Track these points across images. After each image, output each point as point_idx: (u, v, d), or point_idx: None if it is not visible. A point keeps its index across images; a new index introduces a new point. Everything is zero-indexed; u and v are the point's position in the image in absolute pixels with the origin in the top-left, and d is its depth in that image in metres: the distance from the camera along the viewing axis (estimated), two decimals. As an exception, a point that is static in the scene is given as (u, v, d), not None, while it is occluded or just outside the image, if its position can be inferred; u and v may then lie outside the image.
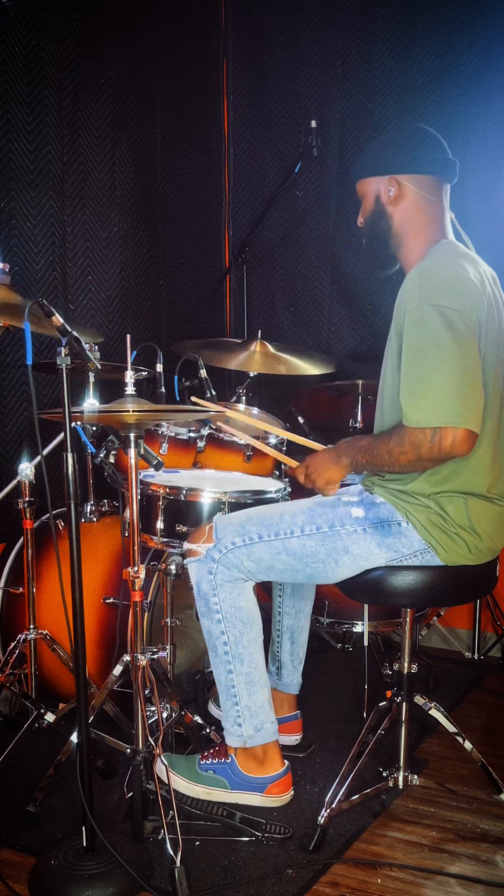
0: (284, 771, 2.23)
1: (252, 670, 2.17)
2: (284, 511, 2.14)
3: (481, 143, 3.24)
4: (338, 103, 3.56)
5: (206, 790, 2.20)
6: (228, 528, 2.15)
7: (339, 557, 2.08)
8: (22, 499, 2.41)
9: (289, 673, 2.57)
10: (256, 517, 2.15)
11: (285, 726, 2.57)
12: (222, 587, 2.14)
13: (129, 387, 2.06)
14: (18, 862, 2.04)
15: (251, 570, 2.13)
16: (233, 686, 2.17)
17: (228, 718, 2.20)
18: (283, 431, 2.52)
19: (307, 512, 2.11)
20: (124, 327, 3.32)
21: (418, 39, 3.35)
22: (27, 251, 2.93)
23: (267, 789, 2.19)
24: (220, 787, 2.20)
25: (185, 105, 3.63)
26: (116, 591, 2.52)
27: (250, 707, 2.17)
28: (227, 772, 2.21)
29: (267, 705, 2.20)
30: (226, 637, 2.15)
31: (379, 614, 2.86)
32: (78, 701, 1.90)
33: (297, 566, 2.11)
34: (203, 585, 2.16)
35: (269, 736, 2.20)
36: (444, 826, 2.21)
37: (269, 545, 2.10)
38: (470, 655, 3.35)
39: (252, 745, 2.19)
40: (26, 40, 2.84)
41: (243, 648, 2.16)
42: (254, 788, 2.20)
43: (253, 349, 3.11)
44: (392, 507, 2.06)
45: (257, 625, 2.19)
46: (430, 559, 2.05)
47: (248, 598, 2.17)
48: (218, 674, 2.20)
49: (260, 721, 2.19)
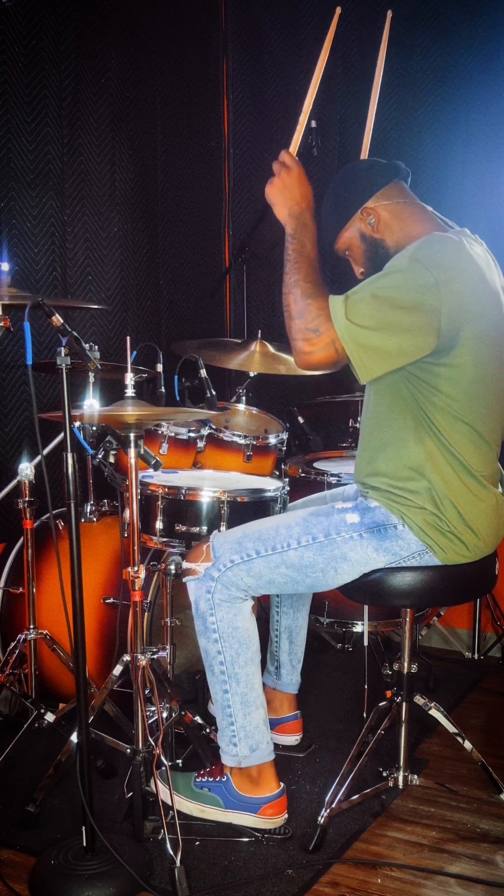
0: (280, 793, 2.18)
1: (248, 690, 2.15)
2: (280, 524, 2.13)
3: (481, 142, 3.25)
4: (338, 103, 3.56)
5: (200, 807, 2.18)
6: (225, 545, 2.13)
7: (337, 565, 2.07)
8: (22, 499, 2.41)
9: (287, 672, 2.57)
10: (252, 533, 2.13)
11: (285, 726, 2.57)
12: (220, 606, 2.11)
13: (129, 388, 2.06)
14: (18, 862, 2.04)
15: (251, 585, 2.11)
16: (228, 706, 2.14)
17: (224, 738, 2.17)
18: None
19: (302, 523, 2.10)
20: (124, 327, 3.33)
21: (418, 39, 3.35)
22: (27, 251, 2.93)
23: (261, 810, 2.15)
24: (214, 806, 2.17)
25: (185, 105, 3.63)
26: (116, 591, 2.52)
27: (245, 727, 2.14)
28: (221, 790, 2.18)
29: (263, 726, 2.17)
30: (222, 657, 2.13)
31: (379, 614, 2.86)
32: (78, 701, 1.90)
33: (296, 578, 2.10)
34: (201, 604, 2.13)
35: (265, 756, 2.17)
36: (444, 826, 2.21)
37: (268, 560, 2.09)
38: (470, 655, 3.35)
39: (247, 765, 2.15)
40: (26, 40, 2.84)
41: (239, 668, 2.13)
42: (248, 808, 2.16)
43: (253, 349, 3.11)
44: (387, 510, 2.05)
45: (254, 645, 2.16)
46: (429, 560, 2.05)
47: (245, 618, 2.14)
48: (214, 693, 2.18)
49: (255, 741, 2.15)
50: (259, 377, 3.10)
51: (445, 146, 3.30)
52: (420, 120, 3.36)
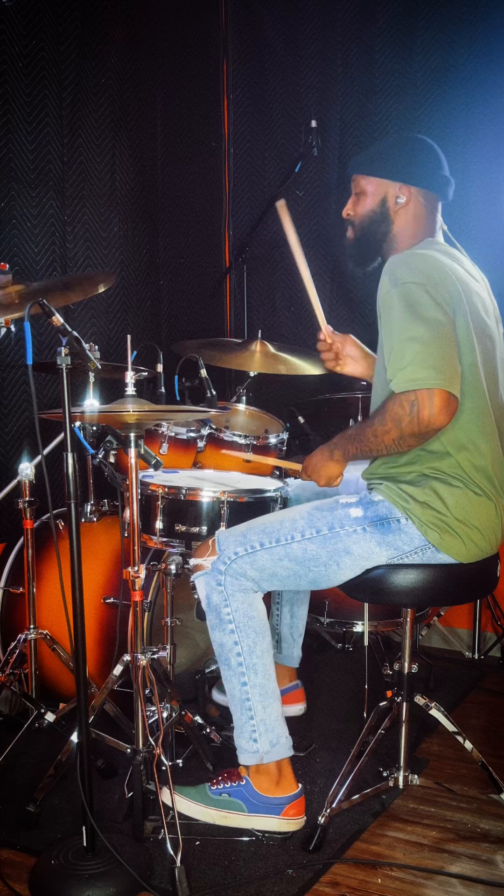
0: (299, 792, 2.15)
1: (266, 681, 2.12)
2: (284, 518, 2.14)
3: (481, 142, 3.25)
4: (338, 103, 3.56)
5: (222, 814, 2.11)
6: (230, 539, 2.13)
7: (340, 559, 2.07)
8: (22, 499, 2.41)
9: (288, 646, 2.58)
10: (257, 526, 2.14)
11: (288, 696, 2.57)
12: (234, 597, 2.10)
13: (130, 387, 2.06)
14: (19, 862, 2.04)
15: (255, 578, 2.11)
16: (247, 699, 2.10)
17: (243, 735, 2.13)
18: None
19: (306, 516, 2.11)
20: (124, 327, 3.33)
21: (418, 39, 3.35)
22: (27, 251, 2.93)
23: (284, 811, 2.11)
24: (236, 811, 2.11)
25: (185, 105, 3.63)
26: (116, 591, 2.52)
27: (265, 721, 2.11)
28: (242, 794, 2.12)
29: (281, 719, 2.15)
30: (239, 647, 2.10)
31: (379, 614, 2.86)
32: (78, 701, 1.90)
33: (299, 571, 2.10)
34: (214, 597, 2.11)
35: (285, 751, 2.14)
36: (444, 826, 2.21)
37: (271, 552, 2.09)
38: (470, 655, 3.35)
39: (268, 760, 2.11)
40: (26, 40, 2.84)
41: (257, 658, 2.11)
42: (271, 810, 2.12)
43: (253, 349, 3.10)
44: (391, 504, 2.06)
45: (269, 635, 2.14)
46: (431, 556, 2.06)
47: (259, 609, 2.13)
48: (231, 687, 2.13)
49: (276, 735, 2.12)
50: (259, 377, 3.10)
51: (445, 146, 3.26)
52: (420, 120, 3.36)
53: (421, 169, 2.16)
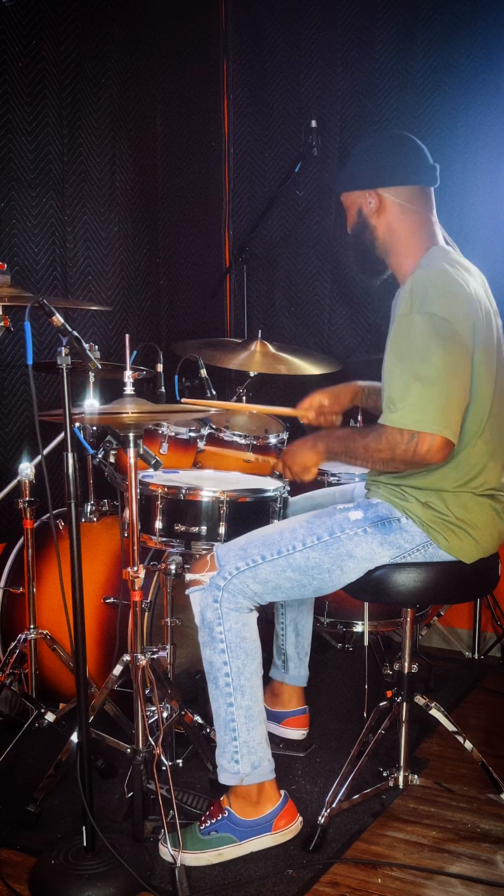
0: (283, 800, 2.12)
1: (253, 704, 2.09)
2: (283, 528, 2.12)
3: (481, 142, 3.24)
4: (338, 103, 3.55)
5: (216, 853, 2.05)
6: (230, 553, 2.11)
7: (343, 563, 2.07)
8: (22, 499, 2.41)
9: (295, 666, 2.57)
10: (256, 539, 2.12)
11: (293, 720, 2.56)
12: (228, 616, 2.07)
13: (129, 387, 2.06)
14: (19, 862, 2.04)
15: (258, 592, 2.09)
16: (232, 720, 2.08)
17: (225, 755, 2.10)
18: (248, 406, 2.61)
19: (305, 525, 2.10)
20: (124, 327, 3.32)
21: (418, 39, 3.34)
22: (27, 251, 2.93)
23: (273, 825, 2.09)
24: (228, 844, 2.07)
25: (185, 105, 3.63)
26: (116, 590, 2.52)
27: (248, 743, 2.08)
28: (229, 826, 2.07)
29: (265, 743, 2.12)
30: (228, 668, 2.08)
31: (379, 614, 2.86)
32: (78, 701, 1.90)
33: (303, 581, 2.09)
34: (208, 614, 2.09)
35: (266, 774, 2.11)
36: (444, 826, 2.21)
37: (274, 564, 2.07)
38: (470, 655, 3.35)
39: (248, 783, 2.08)
40: (26, 40, 2.84)
41: (245, 680, 2.08)
42: (261, 830, 2.09)
43: (253, 349, 3.10)
44: (390, 504, 2.07)
45: (259, 658, 2.12)
46: (433, 553, 2.06)
47: (251, 629, 2.11)
48: (217, 707, 2.11)
49: (258, 758, 2.09)
50: (259, 377, 3.10)
51: (446, 146, 3.29)
52: (420, 120, 3.36)
53: (387, 168, 2.11)
